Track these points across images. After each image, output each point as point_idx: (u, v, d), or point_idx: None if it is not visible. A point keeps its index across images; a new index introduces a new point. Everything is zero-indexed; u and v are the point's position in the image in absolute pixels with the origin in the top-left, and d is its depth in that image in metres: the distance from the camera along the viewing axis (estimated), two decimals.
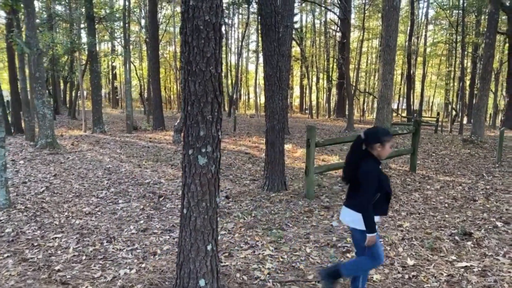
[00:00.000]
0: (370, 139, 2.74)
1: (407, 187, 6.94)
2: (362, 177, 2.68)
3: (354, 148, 2.82)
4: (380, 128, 2.89)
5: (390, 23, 7.95)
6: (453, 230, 4.76)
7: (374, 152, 2.74)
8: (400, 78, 40.69)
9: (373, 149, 2.74)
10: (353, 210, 2.79)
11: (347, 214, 2.86)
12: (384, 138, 2.72)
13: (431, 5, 35.30)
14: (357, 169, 2.72)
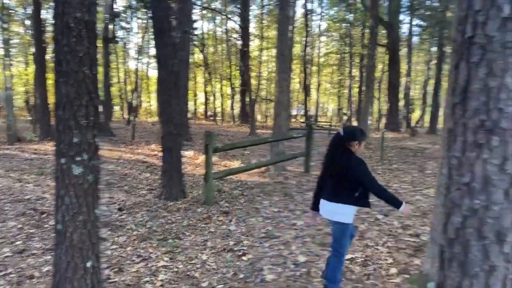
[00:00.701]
0: (350, 137, 2.96)
1: (302, 188, 7.28)
2: (356, 170, 2.86)
3: (335, 143, 3.03)
4: (358, 128, 3.12)
5: (283, 33, 8.33)
6: None
7: (352, 149, 2.96)
8: (299, 86, 42.97)
9: (350, 146, 2.95)
10: (336, 202, 2.94)
11: (329, 207, 3.00)
12: (361, 137, 2.99)
13: (323, 18, 38.07)
14: (341, 162, 2.92)
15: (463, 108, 1.44)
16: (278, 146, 8.42)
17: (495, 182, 1.38)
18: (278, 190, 7.05)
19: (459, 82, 1.46)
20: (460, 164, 1.45)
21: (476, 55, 1.39)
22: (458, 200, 1.47)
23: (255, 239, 4.63)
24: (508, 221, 1.39)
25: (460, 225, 1.46)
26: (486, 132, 1.38)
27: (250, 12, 30.16)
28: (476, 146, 1.41)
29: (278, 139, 7.94)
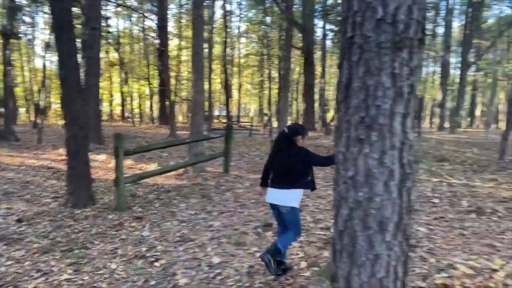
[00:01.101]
0: (293, 133, 3.42)
1: (221, 188, 7.25)
2: (304, 155, 3.38)
3: (281, 140, 3.48)
4: (298, 124, 3.70)
5: (198, 32, 8.22)
6: (257, 223, 5.15)
7: (297, 143, 3.42)
8: (220, 87, 43.03)
9: (296, 140, 3.41)
10: (290, 189, 3.36)
11: (282, 194, 3.39)
12: (303, 132, 3.47)
13: (242, 19, 38.52)
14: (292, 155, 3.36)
15: (346, 105, 1.50)
16: (197, 147, 8.30)
17: (376, 175, 1.46)
18: (196, 192, 6.95)
19: (342, 80, 1.52)
20: (345, 159, 1.52)
21: (356, 54, 1.46)
22: (344, 193, 1.53)
23: (169, 243, 4.49)
24: (389, 212, 1.48)
25: (347, 217, 1.53)
26: (366, 128, 1.45)
27: (169, 10, 29.44)
28: (358, 141, 1.48)
29: (196, 140, 7.83)
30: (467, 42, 24.08)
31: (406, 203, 1.51)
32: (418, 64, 1.47)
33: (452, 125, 24.87)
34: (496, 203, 6.39)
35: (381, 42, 1.41)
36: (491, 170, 9.92)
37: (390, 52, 1.42)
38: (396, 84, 1.43)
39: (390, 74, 1.43)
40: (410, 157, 1.49)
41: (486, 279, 3.55)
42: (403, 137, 1.47)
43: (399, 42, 1.40)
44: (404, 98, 1.45)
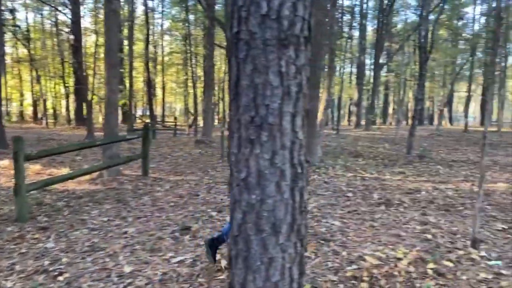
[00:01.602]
0: None
1: (138, 192, 6.93)
2: None
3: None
4: None
5: (111, 27, 7.76)
6: (175, 227, 4.98)
7: None
8: (143, 85, 41.53)
9: None
10: None
11: None
12: None
13: (165, 16, 37.54)
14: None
15: (236, 104, 1.45)
16: (112, 148, 7.84)
17: (268, 176, 1.42)
18: (110, 197, 6.56)
19: (232, 78, 1.46)
20: (237, 160, 1.46)
21: (242, 51, 1.41)
22: (238, 196, 1.47)
23: (76, 254, 4.15)
24: (282, 213, 1.45)
25: (241, 221, 1.47)
26: (256, 128, 1.41)
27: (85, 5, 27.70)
28: (249, 142, 1.43)
29: (109, 142, 7.39)
30: (379, 45, 25.85)
31: (299, 203, 1.49)
32: (305, 63, 1.46)
33: (368, 123, 26.55)
34: (403, 195, 6.89)
35: (267, 39, 1.37)
36: (400, 164, 10.72)
37: (276, 50, 1.38)
38: (284, 83, 1.40)
39: (278, 72, 1.39)
40: (301, 156, 1.47)
41: (392, 268, 3.76)
42: (293, 137, 1.45)
43: (285, 39, 1.37)
44: (293, 97, 1.43)
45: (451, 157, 12.43)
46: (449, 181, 8.21)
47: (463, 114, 30.91)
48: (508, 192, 7.12)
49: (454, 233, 4.88)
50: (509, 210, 5.95)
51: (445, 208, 6.03)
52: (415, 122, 12.54)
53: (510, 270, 3.75)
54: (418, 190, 7.27)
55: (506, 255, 4.16)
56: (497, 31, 5.35)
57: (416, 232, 4.88)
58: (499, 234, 4.87)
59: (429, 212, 5.81)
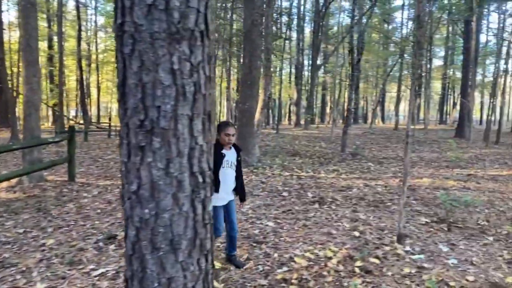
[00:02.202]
0: (218, 129, 3.53)
1: (62, 199, 6.42)
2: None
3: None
4: (224, 121, 3.92)
5: (29, 21, 7.13)
6: (99, 236, 4.64)
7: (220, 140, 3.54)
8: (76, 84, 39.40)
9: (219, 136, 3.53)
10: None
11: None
12: (220, 128, 3.53)
13: (99, 12, 35.80)
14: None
15: (124, 106, 1.27)
16: (32, 153, 7.20)
17: (162, 187, 1.27)
18: (30, 206, 6.00)
19: (118, 76, 1.29)
20: (128, 170, 1.29)
21: (128, 45, 1.24)
22: (129, 211, 1.30)
23: None
24: (181, 228, 1.30)
25: (135, 238, 1.30)
26: (147, 133, 1.24)
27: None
28: (139, 149, 1.26)
29: (28, 146, 6.77)
30: (316, 46, 26.57)
31: (202, 216, 1.35)
32: (202, 60, 1.32)
33: (306, 122, 27.19)
34: (336, 192, 7.04)
35: (155, 32, 1.21)
36: (334, 161, 11.02)
37: (166, 44, 1.22)
38: (177, 82, 1.25)
39: (169, 70, 1.24)
40: (202, 164, 1.33)
41: (321, 268, 3.76)
42: (191, 142, 1.30)
43: (176, 33, 1.22)
44: (189, 98, 1.27)
45: (382, 154, 13.03)
46: (379, 178, 8.55)
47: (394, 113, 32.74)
48: (432, 187, 7.55)
49: (382, 229, 5.03)
50: (432, 204, 6.29)
51: (374, 204, 6.23)
52: (348, 121, 12.98)
53: (432, 263, 3.91)
54: (350, 187, 7.47)
55: (428, 248, 4.35)
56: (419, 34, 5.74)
57: (347, 229, 4.96)
58: (422, 228, 5.10)
59: (359, 209, 5.97)
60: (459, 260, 4.01)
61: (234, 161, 3.66)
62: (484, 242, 4.56)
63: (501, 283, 3.42)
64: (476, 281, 3.48)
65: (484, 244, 4.48)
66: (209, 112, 1.32)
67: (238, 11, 18.88)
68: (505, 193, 7.19)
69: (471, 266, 3.85)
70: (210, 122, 1.32)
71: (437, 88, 43.86)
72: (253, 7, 9.30)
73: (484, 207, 6.05)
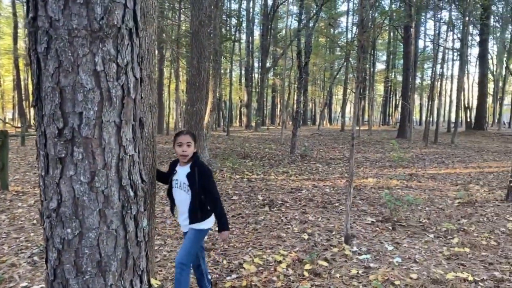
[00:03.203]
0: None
1: None
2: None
3: None
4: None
5: None
6: (35, 250, 4.29)
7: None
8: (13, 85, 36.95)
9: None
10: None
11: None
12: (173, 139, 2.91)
13: None
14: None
15: (40, 112, 1.12)
16: None
17: (86, 204, 1.13)
18: None
19: (32, 78, 1.13)
20: (46, 186, 1.14)
21: (42, 43, 1.09)
22: (49, 231, 1.15)
23: None
24: (110, 247, 1.17)
25: (56, 262, 1.15)
26: (66, 143, 1.10)
27: None
28: (58, 161, 1.11)
29: None
30: (265, 49, 26.79)
31: (134, 233, 1.23)
32: (131, 60, 1.20)
33: (257, 124, 27.32)
34: (285, 194, 7.06)
35: (74, 29, 1.07)
36: (284, 163, 11.11)
37: (87, 43, 1.09)
38: (101, 85, 1.12)
39: (92, 72, 1.10)
40: (133, 175, 1.21)
41: (271, 273, 3.71)
42: (120, 152, 1.17)
43: (99, 30, 1.09)
44: (115, 103, 1.14)
45: (329, 155, 13.34)
46: (327, 179, 8.72)
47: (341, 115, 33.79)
48: (377, 187, 7.81)
49: (330, 230, 5.09)
50: (378, 204, 6.48)
51: (323, 206, 6.32)
52: (297, 123, 13.15)
53: (377, 263, 4.00)
54: (299, 189, 7.54)
55: (374, 247, 4.45)
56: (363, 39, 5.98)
57: (296, 232, 4.97)
58: (369, 228, 5.23)
59: (308, 210, 6.02)
60: (403, 258, 4.13)
61: (185, 180, 2.86)
62: (426, 239, 4.75)
63: (442, 279, 3.55)
64: (419, 279, 3.59)
65: (426, 242, 4.66)
66: (141, 118, 1.19)
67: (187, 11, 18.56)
68: (443, 190, 7.59)
69: (414, 264, 3.97)
70: (142, 129, 1.20)
71: (380, 91, 45.89)
72: (200, 8, 9.14)
73: (425, 205, 6.33)
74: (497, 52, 33.76)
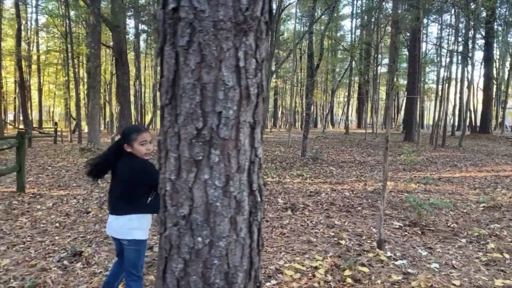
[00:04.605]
0: (124, 138, 2.55)
1: (13, 212, 5.80)
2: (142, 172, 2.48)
3: (111, 148, 2.65)
4: (132, 127, 2.73)
5: None
6: (62, 254, 4.20)
7: (132, 151, 2.53)
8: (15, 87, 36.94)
9: (128, 148, 2.53)
10: (128, 214, 2.48)
11: (119, 223, 2.50)
12: (130, 137, 2.52)
13: (41, 11, 33.70)
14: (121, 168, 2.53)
15: (174, 112, 1.03)
16: None
17: (219, 210, 1.04)
18: None
19: (165, 75, 1.05)
20: (176, 191, 1.05)
21: (184, 36, 1.00)
22: (176, 240, 1.06)
23: None
24: (237, 258, 1.09)
25: (182, 273, 1.06)
26: (204, 144, 1.01)
27: None
28: (193, 164, 1.03)
29: None
30: (270, 52, 26.77)
31: (257, 242, 1.14)
32: (266, 57, 1.12)
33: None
34: (305, 198, 6.97)
35: (220, 21, 0.99)
36: (297, 166, 11.03)
37: (232, 36, 1.01)
38: (241, 82, 1.03)
39: (234, 67, 1.02)
40: (260, 180, 1.13)
41: (310, 279, 3.63)
42: (252, 155, 1.09)
43: (244, 22, 1.00)
44: (253, 102, 1.06)
45: (340, 158, 13.27)
46: (343, 182, 8.63)
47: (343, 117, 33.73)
48: (396, 190, 7.73)
49: (359, 234, 5.00)
50: (400, 207, 6.40)
51: (346, 210, 6.23)
52: (307, 125, 13.09)
53: (415, 269, 3.91)
54: (318, 192, 7.45)
55: (408, 253, 4.37)
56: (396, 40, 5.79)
57: (326, 236, 4.88)
58: (397, 232, 5.15)
59: (332, 214, 5.94)
60: (440, 264, 4.05)
61: None
62: (459, 244, 4.66)
63: (485, 285, 3.47)
64: (462, 285, 3.51)
65: (459, 247, 4.58)
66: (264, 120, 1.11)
67: None
68: (463, 194, 7.51)
69: (453, 270, 3.89)
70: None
71: (382, 94, 45.92)
72: None
73: (448, 209, 6.24)
74: (499, 55, 33.82)
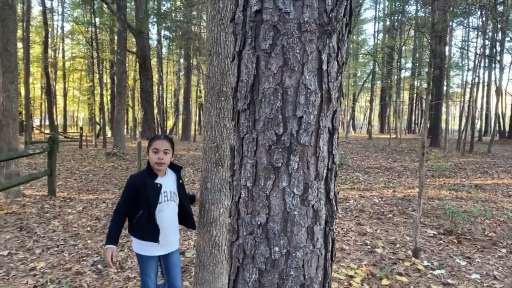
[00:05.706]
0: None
1: (45, 216, 5.91)
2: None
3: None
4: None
5: (6, 24, 6.61)
6: (96, 258, 4.24)
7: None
8: (41, 93, 37.99)
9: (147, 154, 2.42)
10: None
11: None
12: (149, 143, 2.41)
13: (66, 18, 34.62)
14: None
15: (252, 117, 1.00)
16: (10, 166, 6.64)
17: (297, 219, 1.00)
18: (10, 224, 5.47)
19: (243, 78, 1.02)
20: (252, 198, 1.02)
21: (267, 39, 0.98)
22: (250, 249, 1.03)
23: None
24: (313, 269, 1.04)
25: (256, 284, 1.02)
26: (283, 151, 0.98)
27: None
28: (272, 171, 0.99)
29: (6, 158, 6.21)
30: None
31: (331, 253, 1.10)
32: (344, 60, 1.08)
33: None
34: None
35: (305, 22, 0.96)
36: None
37: (315, 39, 0.97)
38: (323, 86, 1.00)
39: (316, 71, 0.98)
40: (336, 188, 1.09)
41: (346, 287, 3.56)
42: (329, 162, 1.05)
43: (328, 23, 0.97)
44: (333, 106, 1.03)
45: (365, 163, 13.06)
46: (372, 188, 8.48)
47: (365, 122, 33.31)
48: (426, 197, 7.54)
49: (393, 242, 4.88)
50: (433, 215, 6.23)
51: (376, 217, 6.10)
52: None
53: (455, 279, 3.78)
54: (346, 199, 7.33)
55: (445, 262, 4.23)
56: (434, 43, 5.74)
57: (358, 244, 4.78)
58: (432, 240, 5.00)
59: (363, 221, 5.82)
60: (481, 274, 3.91)
61: (174, 189, 2.46)
62: (499, 254, 4.50)
63: None
64: None
65: (500, 257, 4.41)
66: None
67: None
68: (497, 202, 7.26)
69: (495, 281, 3.74)
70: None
71: (405, 98, 45.18)
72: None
73: (484, 218, 6.04)
74: None
